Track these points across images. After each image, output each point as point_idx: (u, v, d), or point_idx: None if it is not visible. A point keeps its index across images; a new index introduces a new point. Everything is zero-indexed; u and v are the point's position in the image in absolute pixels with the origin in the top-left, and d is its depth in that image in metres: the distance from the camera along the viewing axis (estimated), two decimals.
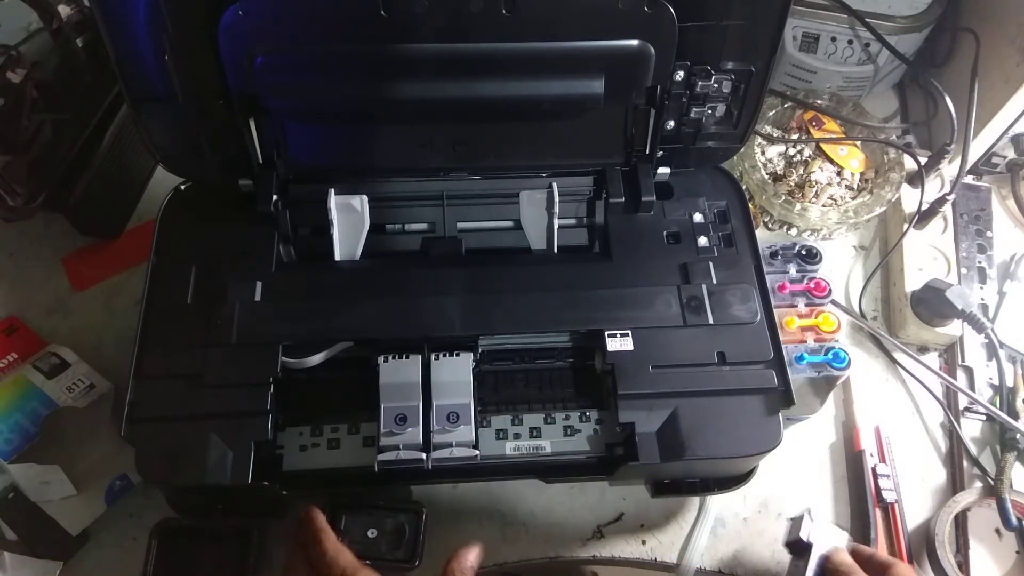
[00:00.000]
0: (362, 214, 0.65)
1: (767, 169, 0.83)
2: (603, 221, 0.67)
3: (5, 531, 0.63)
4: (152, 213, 0.66)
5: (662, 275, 0.63)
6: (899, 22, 0.83)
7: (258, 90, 0.58)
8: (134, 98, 0.59)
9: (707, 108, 0.64)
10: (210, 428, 0.55)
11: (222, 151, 0.63)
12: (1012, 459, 0.69)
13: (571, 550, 0.66)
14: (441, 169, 0.66)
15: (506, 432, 0.60)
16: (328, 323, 0.60)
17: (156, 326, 0.59)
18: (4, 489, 0.63)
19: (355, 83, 0.59)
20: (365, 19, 0.55)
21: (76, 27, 0.74)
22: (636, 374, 0.58)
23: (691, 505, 0.68)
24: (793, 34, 0.87)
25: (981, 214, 0.82)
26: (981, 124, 0.79)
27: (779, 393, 0.59)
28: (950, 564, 0.64)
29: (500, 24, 0.55)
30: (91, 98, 0.75)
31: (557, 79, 0.59)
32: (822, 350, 0.68)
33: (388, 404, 0.58)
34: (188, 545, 0.62)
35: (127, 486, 0.66)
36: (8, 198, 0.69)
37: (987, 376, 0.74)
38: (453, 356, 0.60)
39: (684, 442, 0.56)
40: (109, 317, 0.77)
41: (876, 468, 0.69)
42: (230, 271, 0.62)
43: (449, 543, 0.66)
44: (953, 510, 0.67)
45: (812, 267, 0.72)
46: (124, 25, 0.55)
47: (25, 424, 0.64)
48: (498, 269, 0.64)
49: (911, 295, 0.76)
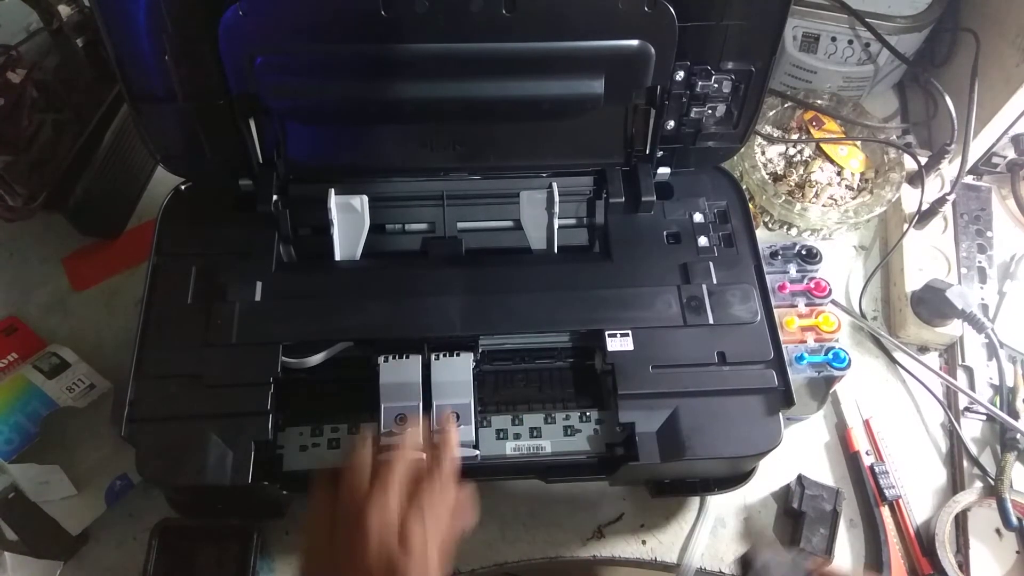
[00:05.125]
0: (362, 214, 0.65)
1: (767, 169, 0.83)
2: (603, 221, 0.67)
3: (5, 531, 0.63)
4: (152, 213, 0.66)
5: (662, 275, 0.63)
6: (899, 22, 0.83)
7: (258, 90, 0.58)
8: (134, 98, 0.59)
9: (707, 108, 0.64)
10: (210, 428, 0.55)
11: (222, 151, 0.63)
12: (1012, 459, 0.69)
13: (571, 550, 0.66)
14: (441, 169, 0.66)
15: (506, 432, 0.60)
16: (328, 323, 0.60)
17: (156, 326, 0.60)
18: (4, 489, 0.63)
19: (355, 83, 0.59)
20: (365, 19, 0.55)
21: (76, 27, 0.74)
22: (636, 374, 0.58)
23: (691, 505, 0.68)
24: (793, 34, 0.87)
25: (981, 214, 0.82)
26: (981, 124, 0.79)
27: (779, 393, 0.59)
28: (950, 564, 0.64)
29: (500, 24, 0.55)
30: (91, 98, 0.75)
31: (557, 79, 0.59)
32: (822, 350, 0.68)
33: (388, 404, 0.58)
34: (188, 545, 0.62)
35: (127, 486, 0.66)
36: (8, 198, 0.69)
37: (987, 376, 0.74)
38: (453, 356, 0.60)
39: (684, 442, 0.56)
40: (109, 317, 0.77)
41: (874, 467, 0.69)
42: (230, 271, 0.62)
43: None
44: (953, 510, 0.67)
45: (812, 267, 0.72)
46: (124, 25, 0.55)
47: (25, 424, 0.64)
48: (498, 269, 0.64)
49: (911, 295, 0.76)
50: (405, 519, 0.45)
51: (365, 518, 0.45)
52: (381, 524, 0.45)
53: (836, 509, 0.66)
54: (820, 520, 0.65)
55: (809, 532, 0.65)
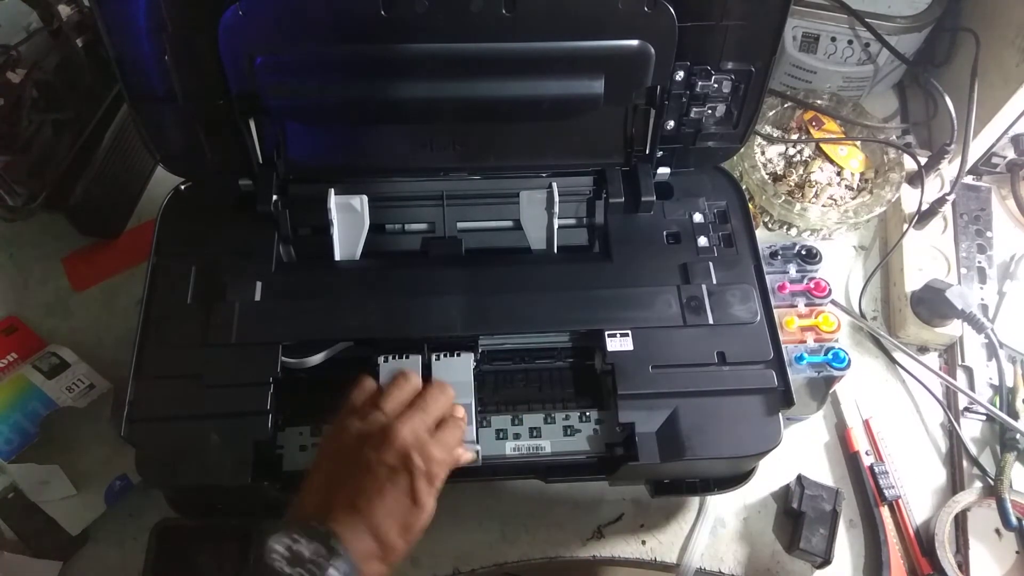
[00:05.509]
0: (362, 214, 0.65)
1: (767, 169, 0.83)
2: (603, 221, 0.67)
3: (5, 531, 0.63)
4: (152, 213, 0.66)
5: (662, 275, 0.63)
6: (899, 22, 0.83)
7: (258, 90, 0.58)
8: (134, 98, 0.59)
9: (707, 108, 0.64)
10: (210, 428, 0.55)
11: (222, 151, 0.63)
12: (1012, 459, 0.69)
13: (571, 550, 0.66)
14: (441, 169, 0.66)
15: (506, 432, 0.60)
16: (328, 323, 0.60)
17: (156, 326, 0.60)
18: (4, 489, 0.63)
19: (355, 83, 0.59)
20: (365, 19, 0.55)
21: (76, 27, 0.74)
22: (636, 374, 0.58)
23: (691, 505, 0.68)
24: (793, 34, 0.87)
25: (981, 214, 0.82)
26: (981, 124, 0.79)
27: (779, 393, 0.59)
28: (950, 564, 0.64)
29: (500, 24, 0.55)
30: (91, 98, 0.75)
31: (557, 79, 0.59)
32: (822, 350, 0.68)
33: None
34: (188, 545, 0.62)
35: (127, 486, 0.66)
36: (8, 198, 0.69)
37: (987, 376, 0.74)
38: (453, 356, 0.60)
39: (684, 442, 0.56)
40: (109, 317, 0.77)
41: (874, 467, 0.69)
42: (230, 271, 0.62)
43: (449, 543, 0.66)
44: (953, 510, 0.67)
45: (812, 267, 0.72)
46: (124, 25, 0.55)
47: (25, 424, 0.64)
48: (498, 269, 0.64)
49: (911, 295, 0.76)
50: (429, 442, 0.50)
51: (397, 431, 0.49)
52: (412, 438, 0.49)
53: (836, 509, 0.66)
54: (820, 520, 0.65)
55: (809, 532, 0.65)
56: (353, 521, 0.46)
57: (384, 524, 0.47)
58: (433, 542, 0.65)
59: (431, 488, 0.49)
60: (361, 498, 0.47)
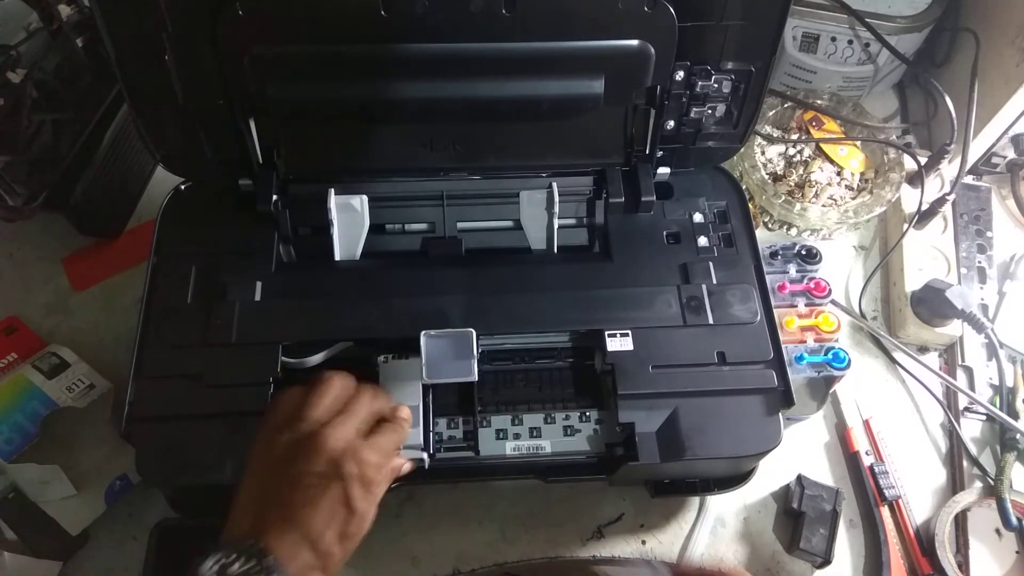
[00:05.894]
0: (362, 214, 0.65)
1: (767, 169, 0.83)
2: (603, 221, 0.67)
3: (5, 531, 0.62)
4: (152, 213, 0.66)
5: (662, 275, 0.63)
6: (899, 22, 0.83)
7: (258, 90, 0.58)
8: (134, 98, 0.59)
9: (707, 108, 0.64)
10: (210, 428, 0.55)
11: (222, 151, 0.63)
12: (1012, 459, 0.69)
13: (571, 550, 0.66)
14: (441, 169, 0.66)
15: (506, 432, 0.60)
16: (328, 323, 0.60)
17: (156, 326, 0.59)
18: (4, 489, 0.63)
19: (355, 83, 0.59)
20: (365, 19, 0.54)
21: (76, 27, 0.74)
22: (636, 374, 0.58)
23: (691, 505, 0.68)
24: (793, 34, 0.87)
25: (981, 214, 0.82)
26: (981, 124, 0.79)
27: (779, 393, 0.59)
28: (950, 564, 0.64)
29: (500, 24, 0.55)
30: (91, 98, 0.75)
31: (557, 79, 0.59)
32: (822, 350, 0.68)
33: None
34: (188, 545, 0.62)
35: (127, 486, 0.66)
36: (8, 198, 0.69)
37: (987, 376, 0.74)
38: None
39: (684, 442, 0.56)
40: (109, 317, 0.77)
41: (874, 467, 0.69)
42: (230, 271, 0.62)
43: (449, 543, 0.66)
44: (953, 510, 0.67)
45: (812, 267, 0.72)
46: (124, 25, 0.55)
47: (25, 424, 0.64)
48: (498, 269, 0.64)
49: (911, 295, 0.76)
50: (361, 447, 0.48)
51: (325, 437, 0.47)
52: (341, 444, 0.47)
53: (836, 509, 0.66)
54: (820, 520, 0.65)
55: (809, 532, 0.65)
56: (289, 535, 0.45)
57: (321, 535, 0.45)
58: (433, 542, 0.65)
59: (367, 494, 0.47)
60: (295, 510, 0.45)
